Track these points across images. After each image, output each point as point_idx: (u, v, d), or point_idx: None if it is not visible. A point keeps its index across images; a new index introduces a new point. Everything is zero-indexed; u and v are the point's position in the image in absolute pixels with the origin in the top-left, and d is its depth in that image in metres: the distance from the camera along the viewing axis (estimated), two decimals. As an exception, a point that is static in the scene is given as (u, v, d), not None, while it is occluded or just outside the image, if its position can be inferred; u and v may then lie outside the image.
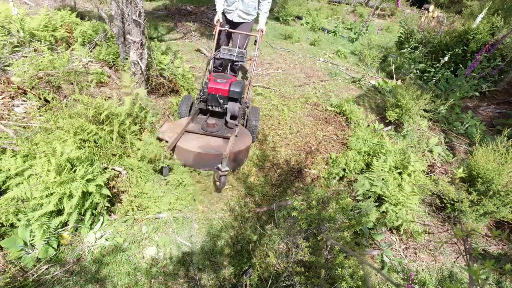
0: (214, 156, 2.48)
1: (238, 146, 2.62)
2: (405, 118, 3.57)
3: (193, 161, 2.53)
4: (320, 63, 5.57)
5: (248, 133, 2.94)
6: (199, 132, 2.77)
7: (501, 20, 4.82)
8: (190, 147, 2.51)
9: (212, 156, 2.49)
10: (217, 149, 2.57)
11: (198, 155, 2.49)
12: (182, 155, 2.54)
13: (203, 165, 2.56)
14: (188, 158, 2.53)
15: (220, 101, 2.89)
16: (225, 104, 2.92)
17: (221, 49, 3.24)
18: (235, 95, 2.86)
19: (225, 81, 2.87)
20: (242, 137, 2.79)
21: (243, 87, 2.94)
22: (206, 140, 2.70)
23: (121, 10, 2.93)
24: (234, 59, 3.23)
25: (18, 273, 1.81)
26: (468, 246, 1.04)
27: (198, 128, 2.82)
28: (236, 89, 2.84)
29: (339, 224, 2.07)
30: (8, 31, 3.41)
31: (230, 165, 2.55)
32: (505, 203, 2.53)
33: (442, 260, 2.43)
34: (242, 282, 1.96)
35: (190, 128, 2.79)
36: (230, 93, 2.85)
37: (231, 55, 3.23)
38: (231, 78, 3.00)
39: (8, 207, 1.88)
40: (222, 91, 2.84)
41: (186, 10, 7.15)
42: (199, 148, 2.53)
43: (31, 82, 2.88)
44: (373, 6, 8.59)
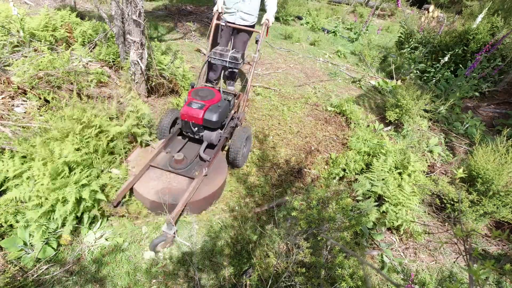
0: (169, 206, 2.14)
1: (204, 190, 2.26)
2: (405, 118, 3.57)
3: (150, 207, 2.26)
4: (320, 63, 5.57)
5: (223, 166, 2.51)
6: (164, 169, 2.37)
7: (501, 20, 4.82)
8: (146, 192, 2.19)
9: (167, 206, 2.14)
10: (175, 195, 2.21)
11: (153, 203, 2.18)
12: (139, 197, 2.27)
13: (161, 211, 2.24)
14: (145, 202, 2.27)
15: (193, 129, 2.49)
16: (200, 132, 2.52)
17: (212, 53, 2.89)
18: (210, 125, 2.42)
19: (200, 105, 2.42)
20: (213, 175, 2.40)
21: (223, 112, 2.51)
22: (168, 181, 2.31)
23: (121, 10, 2.93)
24: (226, 65, 2.84)
25: (18, 273, 1.81)
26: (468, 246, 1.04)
27: (165, 162, 2.43)
28: (212, 118, 2.38)
29: (339, 224, 2.07)
30: (8, 31, 3.41)
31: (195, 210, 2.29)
32: (505, 203, 2.53)
33: (442, 260, 2.43)
34: (242, 282, 1.96)
35: (157, 162, 2.42)
36: (204, 121, 2.41)
37: (223, 61, 2.83)
38: (211, 99, 2.51)
39: (7, 208, 1.88)
40: (195, 119, 2.41)
41: (186, 10, 7.16)
42: (155, 194, 2.19)
43: (31, 82, 2.88)
44: (373, 6, 8.59)
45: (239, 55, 2.85)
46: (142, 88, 3.29)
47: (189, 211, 2.26)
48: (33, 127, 2.48)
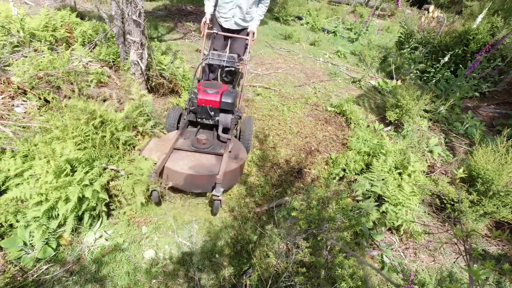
0: (207, 177, 2.24)
1: (232, 164, 2.39)
2: (405, 119, 3.57)
3: (184, 183, 2.28)
4: (320, 63, 5.57)
5: (242, 147, 2.66)
6: (189, 150, 2.49)
7: (501, 21, 4.82)
8: (180, 168, 2.25)
9: (205, 178, 2.24)
10: (210, 169, 2.30)
11: (189, 176, 2.23)
12: (172, 177, 2.29)
13: (196, 187, 2.33)
14: (178, 180, 2.27)
15: (211, 113, 2.65)
16: (216, 116, 2.69)
17: (210, 54, 3.03)
18: (227, 107, 2.62)
19: (215, 91, 2.64)
20: (236, 153, 2.54)
21: (235, 97, 2.73)
22: (197, 159, 2.42)
23: (121, 10, 2.93)
24: (224, 64, 3.02)
25: (18, 273, 1.81)
26: (468, 247, 1.04)
27: (188, 145, 2.53)
28: (228, 100, 2.61)
29: (339, 224, 2.07)
30: (8, 31, 3.41)
31: (224, 185, 2.30)
32: (505, 203, 2.53)
33: (442, 261, 2.43)
34: (242, 282, 1.96)
35: (179, 145, 2.51)
36: (222, 104, 2.61)
37: (221, 61, 3.01)
38: (222, 87, 2.75)
39: (7, 207, 1.88)
40: (213, 103, 2.60)
41: (186, 10, 7.16)
42: (190, 169, 2.26)
43: (31, 82, 2.88)
44: (373, 6, 8.59)
45: (235, 55, 3.04)
46: (142, 88, 3.29)
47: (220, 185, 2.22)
48: (33, 127, 2.48)
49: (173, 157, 2.38)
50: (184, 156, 2.42)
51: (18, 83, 2.84)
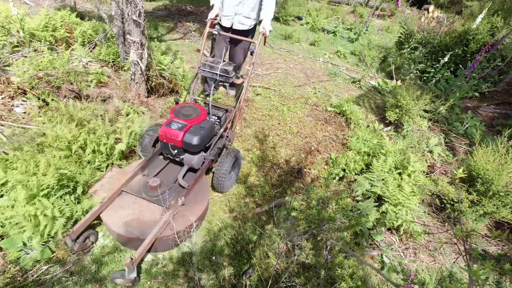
0: (136, 240, 1.86)
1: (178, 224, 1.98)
2: (405, 119, 3.57)
3: (118, 239, 2.00)
4: (320, 63, 5.57)
5: (205, 193, 2.25)
6: (137, 195, 2.10)
7: (501, 21, 4.82)
8: (112, 223, 1.91)
9: (135, 241, 1.87)
10: (144, 228, 1.91)
11: (119, 236, 1.91)
12: (107, 228, 2.02)
13: (130, 247, 2.01)
14: (112, 235, 2.01)
15: (172, 152, 2.22)
16: (180, 155, 2.26)
17: (202, 65, 2.62)
18: (190, 148, 2.15)
19: (181, 125, 2.14)
20: (190, 205, 2.13)
21: (206, 133, 2.22)
22: (139, 210, 2.03)
23: (121, 10, 2.93)
24: (216, 78, 2.56)
25: (18, 273, 1.81)
26: (468, 247, 1.04)
27: (139, 188, 2.14)
28: (192, 141, 2.10)
29: (339, 224, 2.07)
30: (8, 31, 3.41)
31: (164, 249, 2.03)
32: (505, 203, 2.53)
33: (442, 261, 2.43)
34: (242, 283, 1.96)
35: (131, 186, 2.14)
36: (184, 144, 2.14)
37: (213, 73, 2.55)
38: (195, 116, 2.26)
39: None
40: (174, 141, 2.14)
41: (186, 10, 7.16)
42: (123, 226, 1.90)
43: (31, 82, 2.88)
44: (373, 6, 8.60)
45: (231, 67, 2.54)
46: (142, 88, 3.29)
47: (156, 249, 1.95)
48: (32, 129, 2.48)
49: (117, 203, 2.04)
50: (128, 204, 2.05)
51: (18, 83, 2.84)
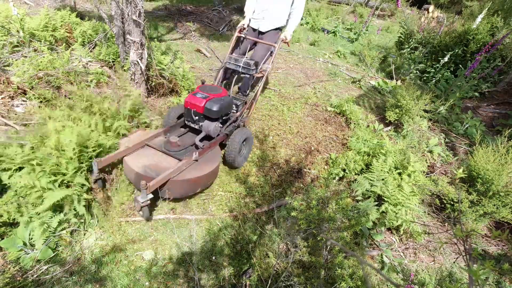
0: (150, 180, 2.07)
1: (189, 173, 2.24)
2: (405, 119, 3.57)
3: (134, 180, 2.24)
4: (320, 63, 5.57)
5: (217, 158, 2.51)
6: (158, 149, 2.44)
7: (501, 21, 4.82)
8: (134, 165, 2.21)
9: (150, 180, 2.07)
10: (159, 172, 2.18)
11: (138, 175, 2.17)
12: (125, 169, 2.31)
13: None
14: (130, 176, 2.28)
15: (194, 117, 2.56)
16: (200, 121, 2.60)
17: (228, 58, 3.05)
18: (210, 114, 2.48)
19: (204, 95, 2.52)
20: (203, 163, 2.39)
21: (225, 105, 2.56)
22: (158, 160, 2.34)
23: (121, 10, 2.93)
24: (240, 70, 2.97)
25: (18, 273, 1.81)
26: (468, 247, 1.04)
27: (161, 144, 2.50)
28: (212, 107, 2.45)
29: (339, 224, 2.07)
30: (8, 31, 3.41)
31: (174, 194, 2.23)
32: (505, 203, 2.53)
33: (442, 261, 2.43)
34: (242, 283, 1.96)
35: (154, 142, 2.49)
36: (205, 110, 2.48)
37: (237, 66, 2.98)
38: (216, 93, 2.61)
39: (9, 205, 1.88)
40: (196, 107, 2.49)
41: (186, 10, 7.16)
42: (142, 167, 2.21)
43: (30, 82, 2.88)
44: (373, 6, 8.60)
45: (252, 62, 2.94)
46: (142, 88, 3.29)
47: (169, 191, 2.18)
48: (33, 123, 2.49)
49: (139, 153, 2.38)
50: (149, 154, 2.39)
51: (18, 83, 2.84)
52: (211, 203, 2.52)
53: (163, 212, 2.36)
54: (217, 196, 2.59)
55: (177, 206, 2.43)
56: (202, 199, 2.53)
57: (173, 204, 2.43)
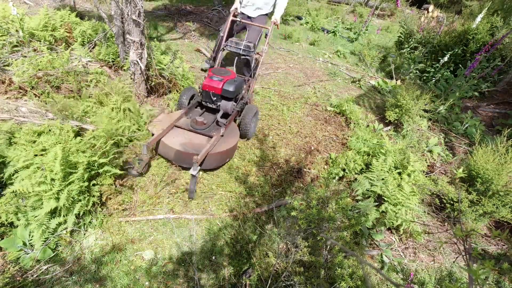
0: (191, 155, 2.40)
1: (220, 147, 2.59)
2: (405, 118, 3.57)
3: (174, 157, 2.57)
4: (319, 63, 5.57)
5: (236, 132, 2.88)
6: (187, 129, 2.76)
7: (501, 20, 4.82)
8: (172, 143, 2.54)
9: (190, 156, 2.42)
10: (197, 148, 2.54)
11: (178, 152, 2.50)
12: (164, 149, 2.60)
13: (182, 162, 2.59)
14: (169, 154, 2.57)
15: (213, 98, 2.91)
16: (218, 101, 2.93)
17: (229, 42, 3.31)
18: (227, 94, 2.84)
19: (220, 78, 2.85)
20: (228, 137, 2.75)
21: (238, 85, 2.90)
22: (190, 138, 2.68)
23: (120, 10, 2.92)
24: (240, 52, 3.28)
25: (18, 273, 1.81)
26: (467, 246, 1.04)
27: (187, 124, 2.82)
28: (229, 88, 2.81)
29: (339, 224, 2.07)
30: (7, 30, 3.41)
31: (209, 165, 2.56)
32: (505, 203, 2.53)
33: (442, 260, 2.43)
34: (242, 282, 1.96)
35: (180, 123, 2.80)
36: (223, 92, 2.83)
37: (238, 48, 3.28)
38: (229, 75, 2.95)
39: (8, 206, 1.88)
40: (215, 89, 2.83)
41: (186, 10, 7.15)
42: (180, 145, 2.54)
43: (30, 82, 2.87)
44: (373, 6, 8.60)
45: (252, 44, 3.30)
46: (141, 88, 3.29)
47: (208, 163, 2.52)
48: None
49: (171, 133, 2.66)
50: (180, 134, 2.70)
51: (18, 82, 2.84)
52: (211, 203, 2.52)
53: (163, 212, 2.36)
54: (217, 195, 2.59)
55: (177, 206, 2.43)
56: (202, 199, 2.53)
57: (173, 204, 2.43)
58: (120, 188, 2.36)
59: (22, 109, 2.72)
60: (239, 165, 2.91)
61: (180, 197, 2.49)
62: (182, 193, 2.52)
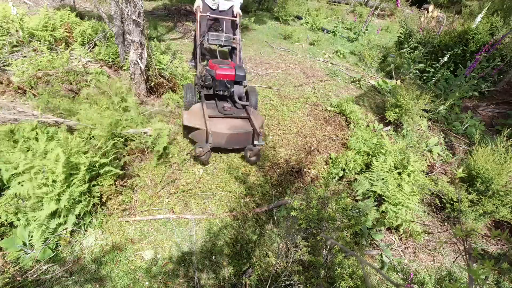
0: (245, 134, 2.79)
1: (259, 121, 2.95)
2: (405, 118, 3.57)
3: (226, 142, 2.77)
4: (319, 63, 5.57)
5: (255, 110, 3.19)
6: (220, 116, 2.98)
7: (501, 20, 4.82)
8: (222, 130, 2.76)
9: (242, 135, 2.78)
10: (243, 128, 2.85)
11: (231, 136, 2.75)
12: (215, 138, 2.75)
13: (236, 144, 2.82)
14: (221, 140, 2.76)
15: (228, 85, 3.14)
16: (231, 87, 3.18)
17: (209, 36, 3.52)
18: (240, 79, 3.13)
19: (229, 66, 3.12)
20: (255, 114, 3.11)
21: (244, 70, 3.19)
22: (229, 122, 2.92)
23: (120, 10, 2.92)
24: (222, 43, 3.58)
25: (18, 273, 1.80)
26: (467, 246, 1.04)
27: (216, 112, 3.04)
28: (241, 73, 3.12)
29: (339, 224, 2.07)
30: (7, 30, 3.41)
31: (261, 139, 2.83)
32: (505, 203, 2.53)
33: (442, 260, 2.43)
34: (242, 282, 1.96)
35: (211, 114, 2.98)
36: (237, 77, 3.11)
37: (220, 40, 3.58)
38: (230, 63, 3.22)
39: (8, 206, 1.88)
40: (229, 76, 3.07)
41: (186, 10, 7.15)
42: (229, 129, 2.79)
43: (30, 81, 2.87)
44: (373, 6, 8.59)
45: (231, 35, 3.65)
46: (141, 88, 3.29)
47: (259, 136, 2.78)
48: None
49: (212, 123, 2.82)
50: (218, 122, 2.89)
51: (18, 82, 2.84)
52: (211, 203, 2.52)
53: (163, 212, 2.36)
54: (217, 195, 2.59)
55: (177, 206, 2.43)
56: (202, 199, 2.53)
57: (173, 204, 2.43)
58: (121, 188, 2.36)
59: (19, 109, 2.72)
60: (239, 165, 2.91)
61: (180, 197, 2.49)
62: (182, 193, 2.52)
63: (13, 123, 2.20)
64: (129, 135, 2.60)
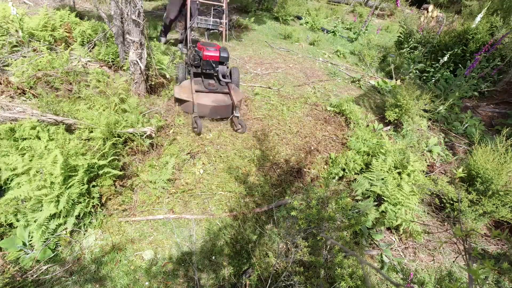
0: (225, 107, 3.27)
1: (238, 96, 3.45)
2: (405, 118, 3.57)
3: (210, 113, 3.25)
4: (319, 63, 5.57)
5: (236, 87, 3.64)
6: (205, 91, 3.36)
7: (500, 20, 4.82)
8: (206, 102, 3.19)
9: (224, 107, 3.26)
10: (224, 101, 3.30)
11: (213, 107, 3.22)
12: (200, 109, 3.17)
13: (218, 114, 3.30)
14: (205, 111, 3.22)
15: (213, 65, 3.54)
16: (216, 67, 3.57)
17: (198, 19, 3.76)
18: (224, 60, 3.54)
19: (215, 48, 3.51)
20: (236, 90, 3.56)
21: (227, 51, 3.59)
22: (213, 96, 3.34)
23: (120, 10, 2.92)
24: (210, 27, 3.87)
25: (17, 273, 1.80)
26: (467, 246, 1.04)
27: (202, 88, 3.42)
28: (225, 55, 3.52)
29: (339, 224, 2.07)
30: (7, 31, 3.40)
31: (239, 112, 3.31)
32: (504, 202, 2.53)
33: (442, 260, 2.43)
34: (242, 282, 1.96)
35: (198, 88, 3.36)
36: (221, 58, 3.51)
37: (208, 24, 3.86)
38: (216, 45, 3.62)
39: (7, 207, 1.88)
40: (214, 57, 3.48)
41: (186, 10, 7.14)
42: (213, 102, 3.23)
43: (29, 82, 2.87)
44: (373, 6, 8.60)
45: (218, 19, 3.89)
46: (141, 88, 3.29)
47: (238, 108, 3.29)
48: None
49: (198, 96, 3.24)
50: (204, 95, 3.31)
51: (17, 83, 2.83)
52: (211, 203, 2.52)
53: (162, 212, 2.36)
54: (217, 195, 2.59)
55: (176, 206, 2.43)
56: (202, 199, 2.53)
57: (173, 204, 2.43)
58: (120, 189, 2.36)
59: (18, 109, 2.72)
60: (239, 165, 2.91)
61: (180, 197, 2.49)
62: (182, 193, 2.52)
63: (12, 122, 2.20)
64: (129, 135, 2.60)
